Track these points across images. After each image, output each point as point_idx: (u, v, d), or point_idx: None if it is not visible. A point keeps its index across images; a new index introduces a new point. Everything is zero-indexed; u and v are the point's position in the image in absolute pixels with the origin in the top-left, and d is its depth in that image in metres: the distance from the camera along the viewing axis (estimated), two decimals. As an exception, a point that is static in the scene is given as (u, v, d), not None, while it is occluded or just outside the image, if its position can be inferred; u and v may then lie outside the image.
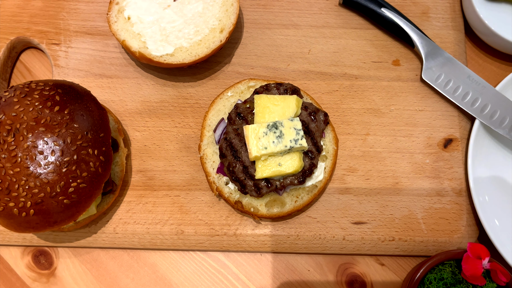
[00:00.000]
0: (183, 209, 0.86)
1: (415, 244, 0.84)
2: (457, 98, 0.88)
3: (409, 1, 0.98)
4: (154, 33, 0.86)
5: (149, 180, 0.88)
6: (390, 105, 0.91)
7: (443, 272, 0.76)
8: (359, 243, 0.84)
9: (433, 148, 0.89)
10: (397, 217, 0.85)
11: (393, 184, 0.87)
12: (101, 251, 0.87)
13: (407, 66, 0.94)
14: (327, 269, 0.86)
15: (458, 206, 0.85)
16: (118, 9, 0.89)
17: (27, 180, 0.68)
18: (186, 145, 0.90)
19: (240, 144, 0.79)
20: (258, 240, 0.84)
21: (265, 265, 0.86)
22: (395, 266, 0.86)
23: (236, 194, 0.82)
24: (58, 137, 0.70)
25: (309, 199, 0.82)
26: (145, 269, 0.87)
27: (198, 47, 0.86)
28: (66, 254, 0.87)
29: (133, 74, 0.94)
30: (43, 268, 0.87)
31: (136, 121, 0.91)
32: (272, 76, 0.93)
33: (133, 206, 0.87)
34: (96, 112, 0.77)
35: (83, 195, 0.72)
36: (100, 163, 0.74)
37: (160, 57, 0.85)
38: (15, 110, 0.71)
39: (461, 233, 0.84)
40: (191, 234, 0.85)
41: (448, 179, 0.87)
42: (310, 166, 0.79)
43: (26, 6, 0.99)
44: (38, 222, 0.71)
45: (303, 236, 0.84)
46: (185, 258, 0.87)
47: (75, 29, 0.97)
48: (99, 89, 0.93)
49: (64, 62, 0.95)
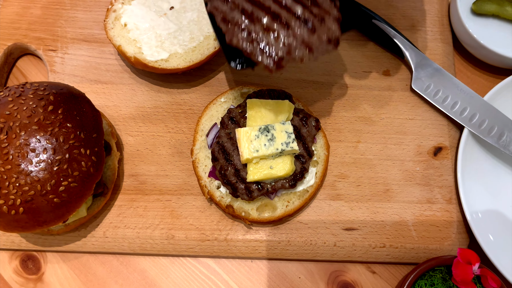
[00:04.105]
0: (174, 214, 0.86)
1: (406, 251, 0.84)
2: (446, 108, 0.90)
3: (398, 15, 1.01)
4: (150, 39, 0.88)
5: (141, 185, 0.88)
6: (381, 114, 0.93)
7: (434, 278, 0.76)
8: (350, 250, 0.84)
9: (423, 156, 0.90)
10: (388, 223, 0.85)
11: (384, 191, 0.87)
12: (90, 256, 0.86)
13: (397, 76, 0.96)
14: (318, 276, 0.85)
15: (448, 214, 0.86)
16: (115, 16, 0.91)
17: (17, 177, 0.68)
18: (179, 150, 0.90)
19: (232, 148, 0.80)
20: (249, 245, 0.84)
21: (256, 272, 0.86)
22: (386, 274, 0.86)
23: (227, 198, 0.82)
24: (51, 135, 0.71)
25: (300, 204, 0.82)
26: (135, 275, 0.85)
27: (192, 54, 0.88)
28: (55, 259, 0.86)
29: (128, 80, 0.96)
30: (31, 273, 0.86)
31: (130, 126, 0.92)
32: (266, 84, 0.95)
33: (124, 210, 0.86)
34: (89, 113, 0.77)
35: (74, 194, 0.72)
36: (92, 163, 0.74)
37: (155, 62, 0.87)
38: (9, 109, 0.72)
39: (451, 240, 0.84)
40: (181, 239, 0.84)
41: (438, 186, 0.88)
42: (301, 170, 0.79)
43: (25, 14, 1.01)
44: (27, 221, 0.70)
45: (294, 242, 0.84)
46: (175, 264, 0.86)
47: (72, 36, 0.99)
48: (94, 95, 0.94)
49: (60, 68, 0.96)
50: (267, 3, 0.62)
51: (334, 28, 0.62)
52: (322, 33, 0.61)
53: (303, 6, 0.61)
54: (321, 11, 0.62)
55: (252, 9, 0.61)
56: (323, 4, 0.63)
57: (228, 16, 0.62)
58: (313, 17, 0.61)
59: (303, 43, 0.60)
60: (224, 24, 0.62)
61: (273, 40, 0.60)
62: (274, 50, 0.60)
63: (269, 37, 0.60)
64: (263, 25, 0.61)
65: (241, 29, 0.61)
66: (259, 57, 0.61)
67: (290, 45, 0.60)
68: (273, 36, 0.60)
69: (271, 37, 0.60)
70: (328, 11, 0.63)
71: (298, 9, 0.61)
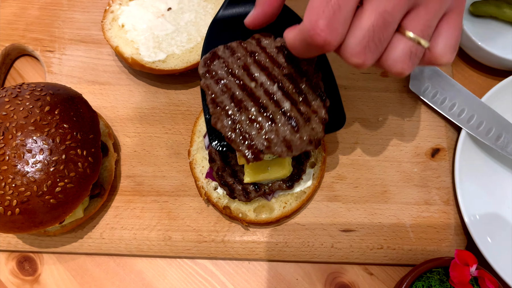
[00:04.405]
0: (171, 215, 0.86)
1: (404, 252, 0.84)
2: (444, 109, 0.90)
3: (397, 16, 1.01)
4: (147, 40, 0.88)
5: (138, 186, 0.88)
6: (378, 115, 0.92)
7: (431, 279, 0.76)
8: (347, 251, 0.84)
9: (421, 157, 0.90)
10: (386, 225, 0.85)
11: (382, 192, 0.87)
12: (87, 258, 0.86)
13: (395, 78, 0.96)
14: (316, 278, 0.85)
15: (446, 215, 0.86)
16: (112, 17, 0.91)
17: (14, 178, 0.68)
18: (176, 151, 0.90)
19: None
20: (246, 247, 0.84)
21: (253, 273, 0.85)
22: (384, 276, 0.86)
23: (224, 199, 0.82)
24: (47, 136, 0.70)
25: (297, 205, 0.82)
26: (131, 276, 0.85)
27: (190, 54, 0.88)
28: (51, 260, 0.86)
29: (126, 81, 0.95)
30: (27, 275, 0.85)
31: (127, 127, 0.92)
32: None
33: (121, 211, 0.86)
34: (86, 114, 0.77)
35: (70, 195, 0.72)
36: (89, 164, 0.74)
37: (152, 63, 0.87)
38: (5, 110, 0.72)
39: (449, 242, 0.84)
40: (178, 240, 0.84)
41: (436, 188, 0.87)
42: (299, 171, 0.79)
43: (22, 15, 1.01)
44: (24, 222, 0.70)
45: (292, 243, 0.84)
46: (172, 266, 0.86)
47: (70, 37, 0.99)
48: (91, 95, 0.94)
49: (58, 69, 0.96)
50: (258, 93, 0.62)
51: (318, 129, 0.63)
52: (304, 133, 0.62)
53: (291, 102, 0.62)
54: (309, 109, 0.63)
55: (242, 97, 0.62)
56: (312, 103, 0.63)
57: (217, 98, 0.63)
58: (299, 115, 0.62)
59: (284, 141, 0.61)
60: (212, 106, 0.63)
61: (256, 133, 0.61)
62: (254, 143, 0.61)
63: (252, 129, 0.61)
64: (249, 115, 0.62)
65: (227, 115, 0.62)
66: (239, 146, 0.61)
67: (271, 141, 0.61)
68: (257, 129, 0.61)
69: (254, 129, 0.61)
70: (316, 110, 0.63)
71: (286, 105, 0.62)
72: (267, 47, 0.64)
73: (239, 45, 0.65)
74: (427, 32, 0.53)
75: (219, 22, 0.70)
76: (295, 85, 0.63)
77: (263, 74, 0.63)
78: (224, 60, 0.64)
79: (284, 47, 0.64)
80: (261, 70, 0.63)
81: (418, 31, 0.52)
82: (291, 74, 0.63)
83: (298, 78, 0.63)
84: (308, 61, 0.65)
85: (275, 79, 0.63)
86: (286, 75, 0.63)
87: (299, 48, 0.54)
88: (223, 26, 0.70)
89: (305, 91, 0.63)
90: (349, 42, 0.51)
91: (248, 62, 0.64)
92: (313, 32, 0.49)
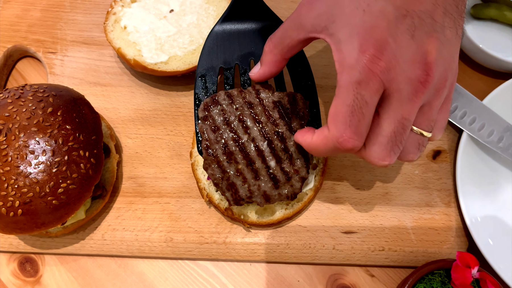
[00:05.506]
0: (172, 216, 0.86)
1: (405, 254, 0.84)
2: (445, 111, 0.90)
3: (398, 19, 1.01)
4: (149, 42, 0.88)
5: (140, 187, 0.88)
6: (380, 117, 0.93)
7: (433, 281, 0.76)
8: (349, 253, 0.84)
9: (422, 159, 0.90)
10: (387, 227, 0.85)
11: (383, 194, 0.87)
12: (88, 259, 0.86)
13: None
14: (317, 280, 0.85)
15: (447, 217, 0.86)
16: (115, 19, 0.92)
17: (16, 179, 0.68)
18: (178, 152, 0.90)
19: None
20: (248, 248, 0.84)
21: (255, 275, 0.86)
22: (385, 278, 0.86)
23: (226, 201, 0.82)
24: (50, 137, 0.71)
25: (299, 207, 0.82)
26: (133, 277, 0.85)
27: (192, 56, 0.88)
28: (53, 261, 0.86)
29: (127, 83, 0.96)
30: (29, 276, 0.85)
31: (129, 128, 0.92)
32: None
33: (122, 212, 0.86)
34: (89, 115, 0.78)
35: (73, 196, 0.72)
36: (91, 165, 0.74)
37: (155, 64, 0.87)
38: (8, 111, 0.72)
39: (450, 244, 0.84)
40: (180, 242, 0.84)
41: (437, 190, 0.88)
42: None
43: (24, 16, 1.01)
44: (26, 223, 0.70)
45: (293, 245, 0.84)
46: (173, 267, 0.86)
47: (72, 39, 0.99)
48: (93, 97, 0.94)
49: (60, 70, 0.96)
50: (248, 148, 0.69)
51: (296, 186, 0.71)
52: (283, 190, 0.70)
53: (277, 161, 0.70)
54: (292, 168, 0.70)
55: (233, 149, 0.69)
56: (296, 162, 0.70)
57: (212, 146, 0.70)
58: (282, 174, 0.70)
59: (263, 195, 0.70)
60: (206, 153, 0.70)
61: (241, 184, 0.70)
62: (237, 191, 0.70)
63: (238, 180, 0.70)
64: (237, 167, 0.69)
65: (218, 164, 0.69)
66: (225, 192, 0.70)
67: (253, 192, 0.70)
68: (242, 181, 0.70)
69: (240, 180, 0.70)
70: (297, 170, 0.71)
71: (271, 163, 0.69)
72: (264, 100, 0.70)
73: (239, 93, 0.71)
74: (431, 125, 0.60)
75: (216, 34, 0.75)
76: (283, 143, 0.69)
77: (256, 129, 0.69)
78: (223, 108, 0.70)
79: (280, 102, 0.70)
80: (255, 123, 0.70)
81: (424, 127, 0.59)
82: (282, 133, 0.69)
83: (287, 138, 0.70)
84: (300, 122, 0.71)
85: (267, 135, 0.69)
86: (276, 133, 0.70)
87: (324, 151, 0.61)
88: (220, 39, 0.75)
89: (292, 151, 0.70)
90: (375, 148, 0.57)
91: (245, 113, 0.70)
92: (342, 140, 0.55)
